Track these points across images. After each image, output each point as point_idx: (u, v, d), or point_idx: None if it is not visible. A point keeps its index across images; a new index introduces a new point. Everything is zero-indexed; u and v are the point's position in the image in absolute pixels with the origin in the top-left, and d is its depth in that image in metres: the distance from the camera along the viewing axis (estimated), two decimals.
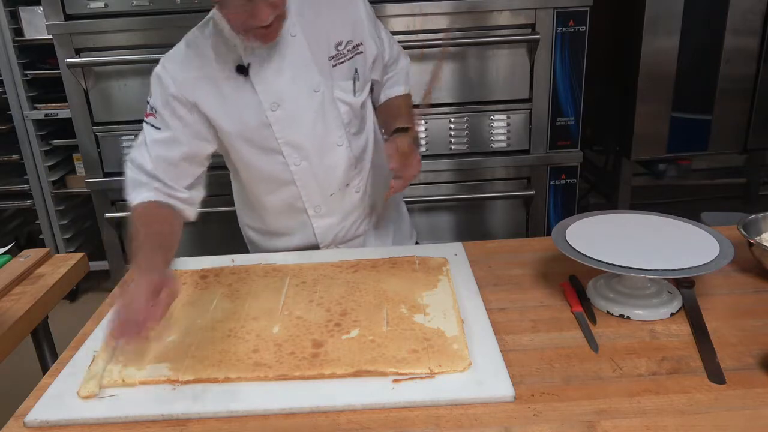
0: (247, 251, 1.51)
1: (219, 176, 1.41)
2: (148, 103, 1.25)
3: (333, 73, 1.30)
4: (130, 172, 1.23)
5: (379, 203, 1.47)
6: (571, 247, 1.10)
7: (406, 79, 1.46)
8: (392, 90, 1.44)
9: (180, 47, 1.27)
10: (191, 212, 1.26)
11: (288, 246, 1.43)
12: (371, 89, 1.40)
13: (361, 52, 1.32)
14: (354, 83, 1.32)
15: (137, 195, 1.20)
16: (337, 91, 1.31)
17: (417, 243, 1.62)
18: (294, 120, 1.28)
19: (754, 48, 2.53)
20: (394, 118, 1.35)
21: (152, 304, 0.92)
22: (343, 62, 1.30)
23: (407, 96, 1.46)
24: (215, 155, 1.32)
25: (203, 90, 1.24)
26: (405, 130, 1.27)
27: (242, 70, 1.24)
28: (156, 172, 1.21)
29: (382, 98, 1.44)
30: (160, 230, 1.14)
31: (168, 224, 1.18)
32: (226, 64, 1.24)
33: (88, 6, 2.30)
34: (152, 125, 1.23)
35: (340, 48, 1.30)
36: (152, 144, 1.22)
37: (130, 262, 1.05)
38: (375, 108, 1.45)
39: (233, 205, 1.52)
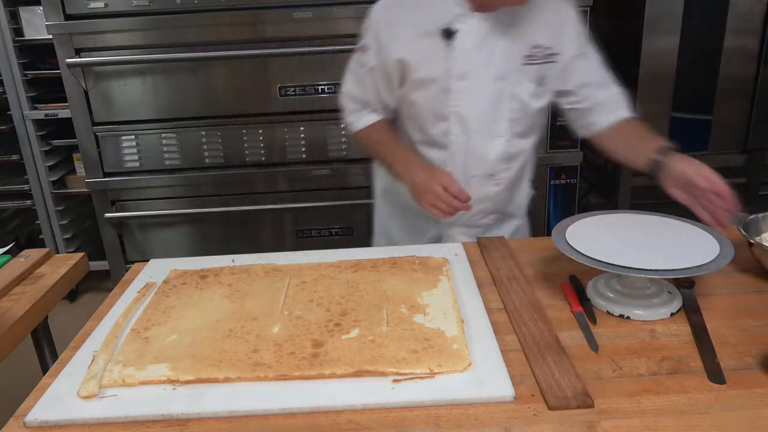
0: (246, 251, 1.51)
1: (219, 176, 1.41)
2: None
3: (521, 71, 1.34)
4: (347, 103, 1.48)
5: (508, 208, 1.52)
6: (571, 247, 1.10)
7: (628, 105, 1.41)
8: (617, 113, 1.39)
9: None
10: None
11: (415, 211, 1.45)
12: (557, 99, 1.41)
13: (555, 62, 1.35)
14: (536, 88, 1.36)
15: (359, 120, 1.47)
16: (518, 88, 1.35)
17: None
18: (472, 96, 1.34)
19: (754, 48, 2.53)
20: (642, 139, 1.33)
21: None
22: (533, 64, 1.34)
23: (640, 120, 1.39)
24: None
25: (403, 36, 1.32)
26: (672, 149, 1.25)
27: (448, 34, 1.29)
28: (369, 99, 1.44)
29: (606, 121, 1.40)
30: (396, 139, 1.44)
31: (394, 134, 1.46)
32: (435, 22, 1.30)
33: (88, 6, 2.30)
34: (360, 61, 1.40)
35: (535, 50, 1.33)
36: (362, 75, 1.41)
37: (394, 166, 1.39)
38: (590, 131, 1.42)
39: (233, 205, 1.51)
